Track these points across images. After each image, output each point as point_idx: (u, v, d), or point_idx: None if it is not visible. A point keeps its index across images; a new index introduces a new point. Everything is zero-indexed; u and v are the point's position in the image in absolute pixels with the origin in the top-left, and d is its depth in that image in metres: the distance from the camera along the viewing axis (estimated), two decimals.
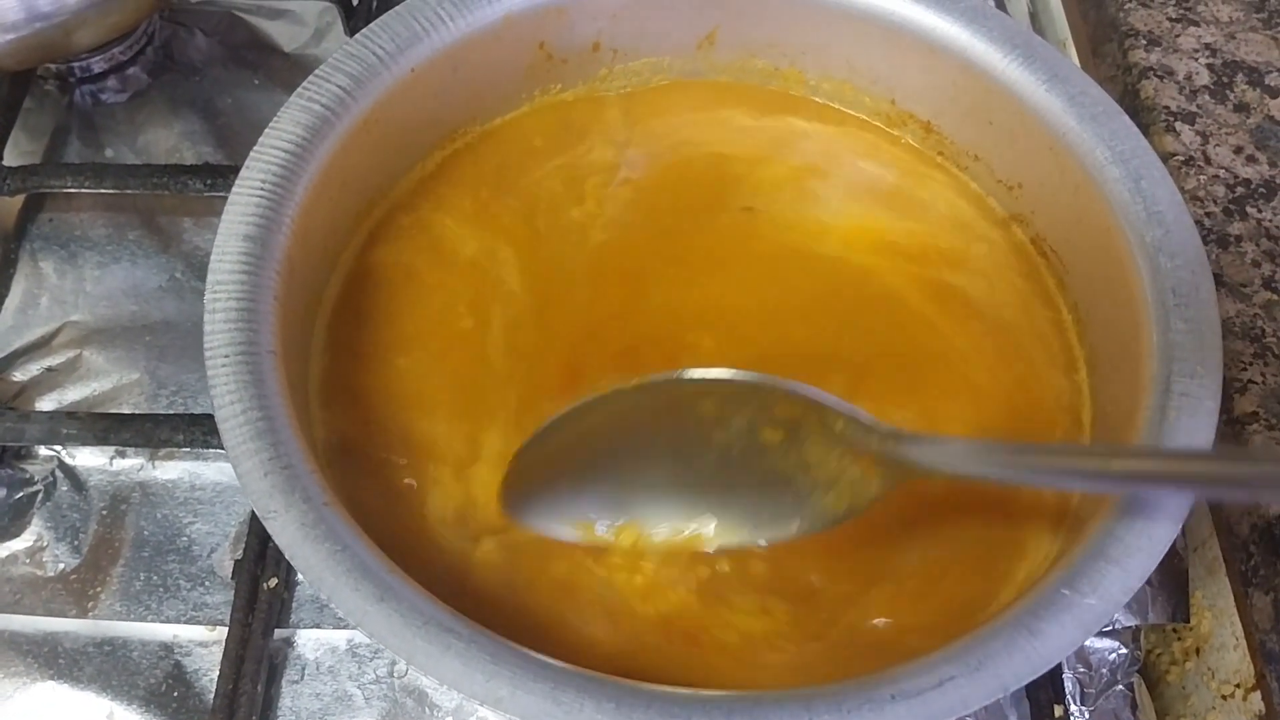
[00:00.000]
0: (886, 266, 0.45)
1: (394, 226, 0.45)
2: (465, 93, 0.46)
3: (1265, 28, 0.55)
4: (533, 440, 0.38)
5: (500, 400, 0.42)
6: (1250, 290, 0.46)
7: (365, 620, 0.31)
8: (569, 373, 0.43)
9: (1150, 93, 0.52)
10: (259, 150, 0.39)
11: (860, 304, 0.45)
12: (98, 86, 0.60)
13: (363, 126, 0.42)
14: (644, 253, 0.46)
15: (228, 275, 0.37)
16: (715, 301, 0.44)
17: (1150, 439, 0.35)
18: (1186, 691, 0.49)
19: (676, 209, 0.47)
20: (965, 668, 0.31)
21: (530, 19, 0.45)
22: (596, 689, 0.30)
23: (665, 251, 0.46)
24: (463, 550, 0.38)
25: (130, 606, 0.45)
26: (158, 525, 0.47)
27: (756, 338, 0.44)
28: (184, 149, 0.59)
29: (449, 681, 0.30)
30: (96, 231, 0.55)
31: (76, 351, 0.52)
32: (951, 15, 0.45)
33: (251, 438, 0.34)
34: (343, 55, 0.42)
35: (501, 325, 0.44)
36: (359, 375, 0.41)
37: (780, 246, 0.46)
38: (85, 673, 0.44)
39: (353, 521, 0.33)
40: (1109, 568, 0.33)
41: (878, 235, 0.46)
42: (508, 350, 0.43)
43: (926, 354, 0.43)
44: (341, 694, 0.44)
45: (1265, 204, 0.49)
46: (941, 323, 0.44)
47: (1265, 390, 0.44)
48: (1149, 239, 0.40)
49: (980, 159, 0.47)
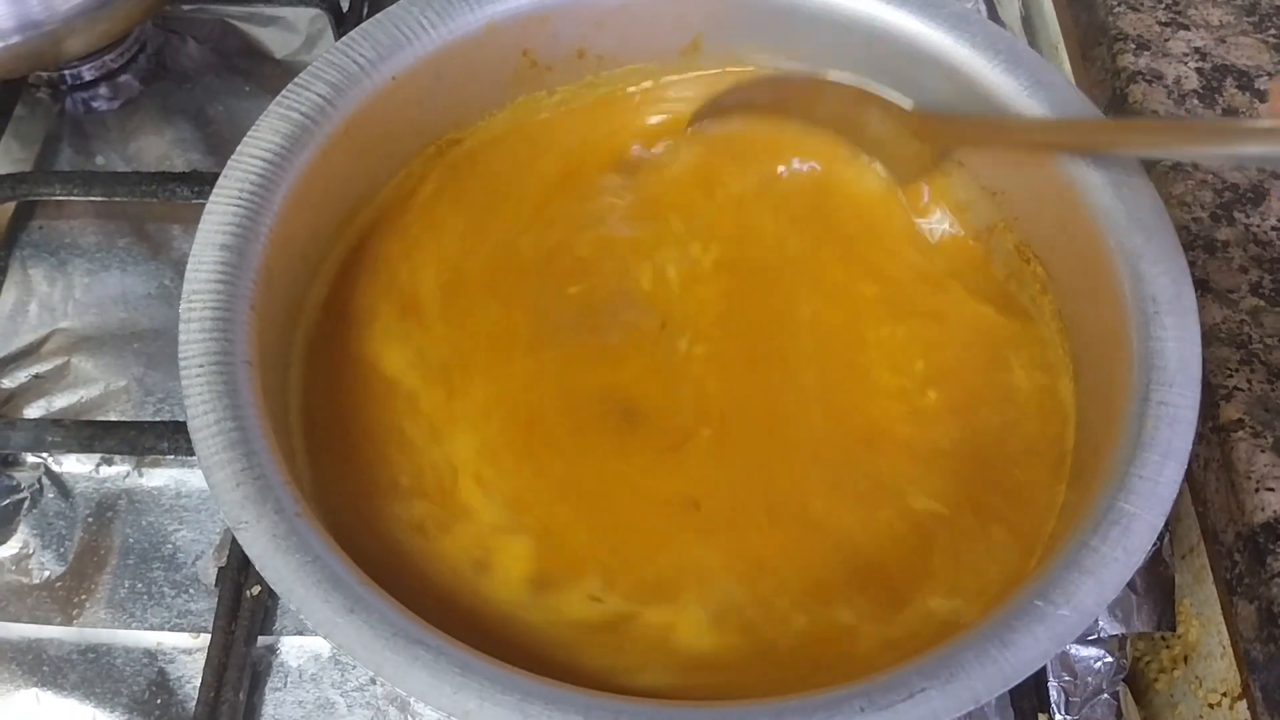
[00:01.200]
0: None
1: (377, 233, 0.45)
2: (448, 100, 0.46)
3: (1256, 31, 0.54)
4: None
5: (484, 407, 0.42)
6: (1237, 296, 0.46)
7: (334, 632, 0.31)
8: (550, 372, 0.43)
9: (1138, 97, 0.52)
10: (237, 159, 0.39)
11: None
12: (89, 94, 0.60)
13: (344, 134, 0.42)
14: (629, 262, 0.46)
15: (203, 285, 0.37)
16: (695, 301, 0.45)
17: (1127, 448, 0.35)
18: (1175, 700, 0.49)
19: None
20: (937, 680, 0.31)
21: (513, 26, 0.45)
22: (564, 701, 0.30)
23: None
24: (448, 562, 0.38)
25: (115, 614, 0.46)
26: (143, 533, 0.47)
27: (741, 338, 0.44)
28: (175, 156, 0.59)
29: (416, 693, 0.30)
30: (86, 239, 0.56)
31: (65, 359, 0.52)
32: (934, 21, 0.44)
33: (224, 448, 0.34)
34: (323, 63, 0.42)
35: (485, 330, 0.44)
36: (340, 382, 0.41)
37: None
38: (69, 680, 0.44)
39: (325, 532, 0.33)
40: (1083, 579, 0.33)
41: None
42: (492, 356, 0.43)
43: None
44: (324, 701, 0.44)
45: (1253, 209, 0.48)
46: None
47: (1251, 397, 0.43)
48: (1130, 246, 0.39)
49: (964, 165, 0.46)
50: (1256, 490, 0.41)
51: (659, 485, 0.41)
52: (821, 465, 0.41)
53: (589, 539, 0.39)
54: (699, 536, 0.39)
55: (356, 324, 0.43)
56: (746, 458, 0.41)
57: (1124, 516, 0.34)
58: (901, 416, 0.42)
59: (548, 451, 0.41)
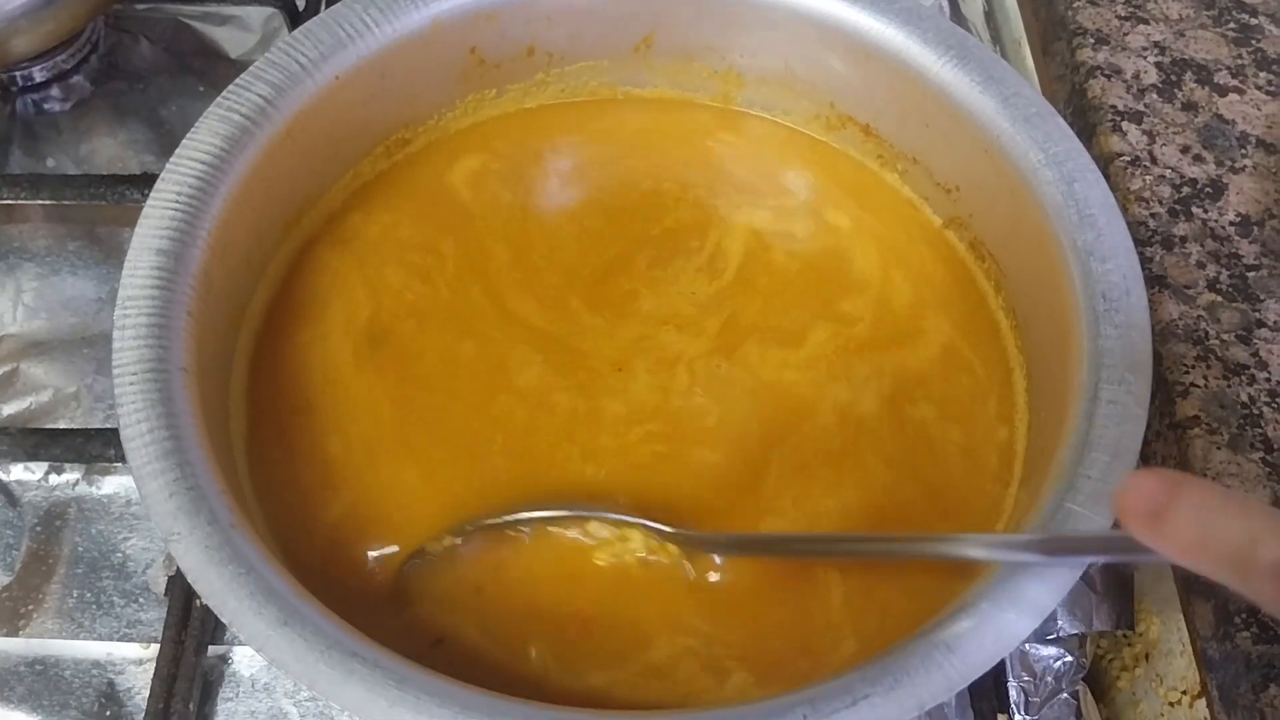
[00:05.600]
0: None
1: (324, 235, 0.44)
2: (395, 99, 0.45)
3: (1215, 25, 0.54)
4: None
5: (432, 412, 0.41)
6: (1194, 292, 0.46)
7: (267, 645, 0.30)
8: (496, 374, 0.42)
9: (1097, 92, 0.52)
10: (175, 162, 0.39)
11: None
12: (40, 95, 0.59)
13: (286, 135, 0.41)
14: (578, 269, 0.45)
15: (138, 291, 0.36)
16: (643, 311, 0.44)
17: (1075, 448, 0.35)
18: (1136, 698, 0.48)
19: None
20: (881, 686, 0.31)
21: (459, 24, 0.45)
22: (503, 712, 0.30)
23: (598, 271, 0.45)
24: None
25: (63, 624, 0.45)
26: (92, 541, 0.47)
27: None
28: (127, 158, 0.58)
29: (351, 707, 0.30)
30: (36, 243, 0.55)
31: (14, 365, 0.51)
32: (885, 17, 0.44)
33: (157, 457, 0.33)
34: (264, 63, 0.41)
35: (437, 332, 0.43)
36: (283, 387, 0.41)
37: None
38: (16, 692, 0.44)
39: (261, 544, 0.33)
40: (1028, 582, 0.32)
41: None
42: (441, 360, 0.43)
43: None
44: (277, 711, 0.44)
45: (1211, 204, 0.48)
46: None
47: (1207, 394, 0.43)
48: (1080, 242, 0.39)
49: (919, 162, 0.46)
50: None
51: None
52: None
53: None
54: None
55: (302, 329, 0.42)
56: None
57: (1071, 517, 0.33)
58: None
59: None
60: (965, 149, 0.43)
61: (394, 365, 0.42)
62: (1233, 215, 0.48)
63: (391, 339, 0.43)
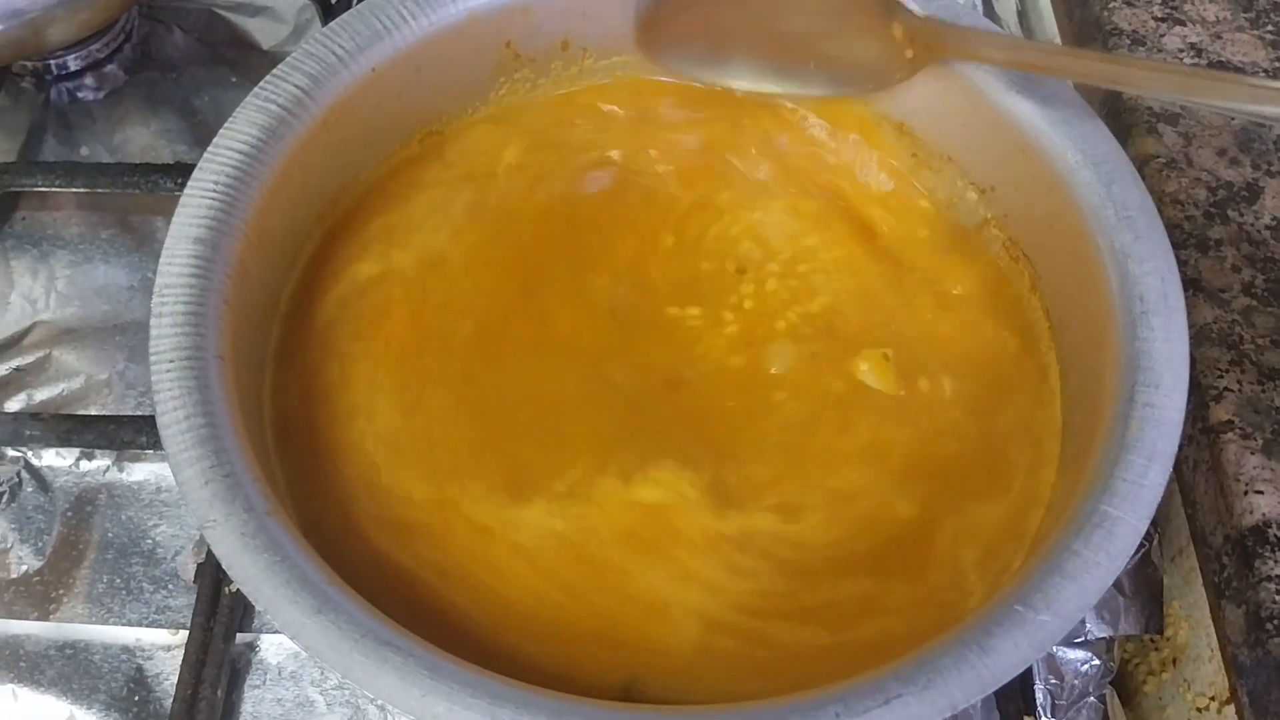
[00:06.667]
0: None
1: (356, 227, 0.45)
2: (429, 91, 0.45)
3: (1252, 27, 0.54)
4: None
5: (463, 400, 0.41)
6: (1229, 296, 0.45)
7: (301, 633, 0.30)
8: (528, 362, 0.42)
9: (1132, 94, 0.51)
10: (213, 151, 0.39)
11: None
12: (74, 84, 0.60)
13: (322, 126, 0.41)
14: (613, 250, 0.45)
15: (175, 279, 0.36)
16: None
17: (1111, 451, 0.35)
18: (1163, 703, 0.48)
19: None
20: (914, 685, 0.31)
21: (495, 17, 0.45)
22: (535, 705, 0.30)
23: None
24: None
25: (93, 609, 0.45)
26: (123, 527, 0.47)
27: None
28: (160, 147, 0.58)
29: (384, 696, 0.30)
30: (70, 230, 0.55)
31: (46, 351, 0.51)
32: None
33: (193, 444, 0.33)
34: (301, 54, 0.41)
35: (467, 325, 0.43)
36: (309, 380, 0.41)
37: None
38: (46, 676, 0.44)
39: (296, 532, 0.33)
40: (1064, 583, 0.32)
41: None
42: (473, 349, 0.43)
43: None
44: (304, 699, 0.44)
45: (1247, 207, 0.48)
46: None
47: (1241, 399, 0.43)
48: (1118, 244, 0.39)
49: (954, 160, 0.46)
50: (1245, 493, 0.41)
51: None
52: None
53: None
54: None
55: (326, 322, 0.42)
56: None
57: (1107, 520, 0.33)
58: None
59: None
60: (1001, 148, 0.43)
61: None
62: (1269, 219, 0.48)
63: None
